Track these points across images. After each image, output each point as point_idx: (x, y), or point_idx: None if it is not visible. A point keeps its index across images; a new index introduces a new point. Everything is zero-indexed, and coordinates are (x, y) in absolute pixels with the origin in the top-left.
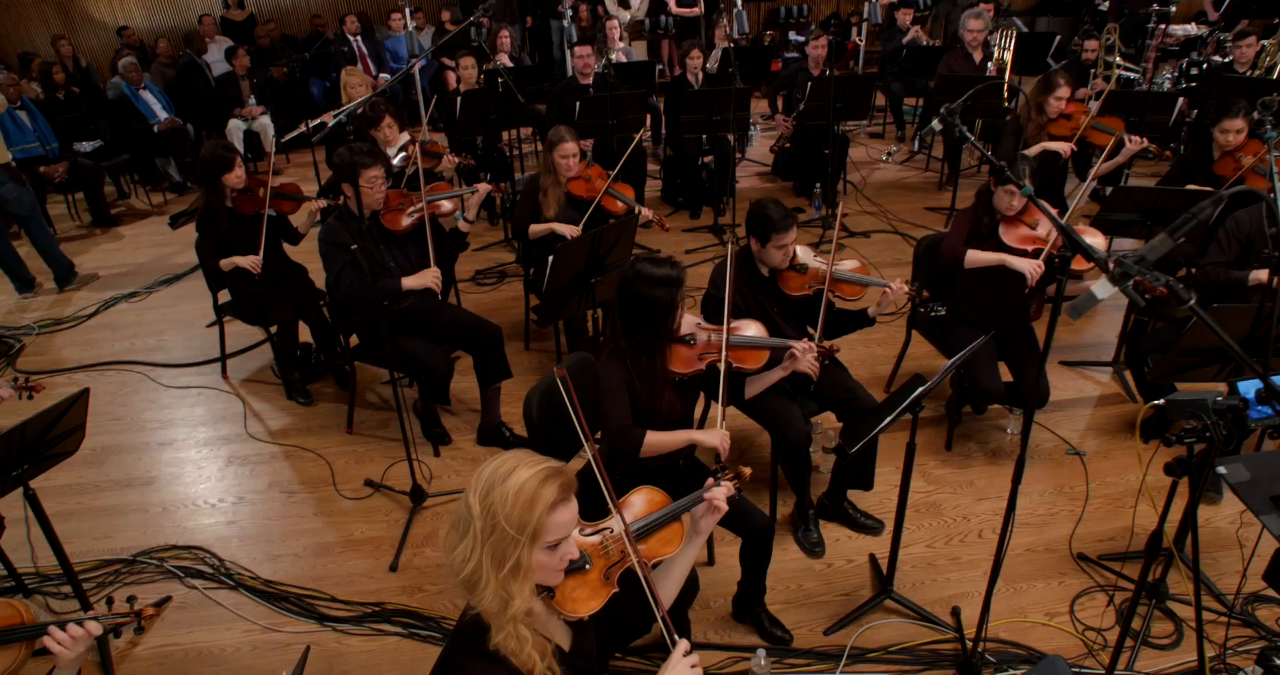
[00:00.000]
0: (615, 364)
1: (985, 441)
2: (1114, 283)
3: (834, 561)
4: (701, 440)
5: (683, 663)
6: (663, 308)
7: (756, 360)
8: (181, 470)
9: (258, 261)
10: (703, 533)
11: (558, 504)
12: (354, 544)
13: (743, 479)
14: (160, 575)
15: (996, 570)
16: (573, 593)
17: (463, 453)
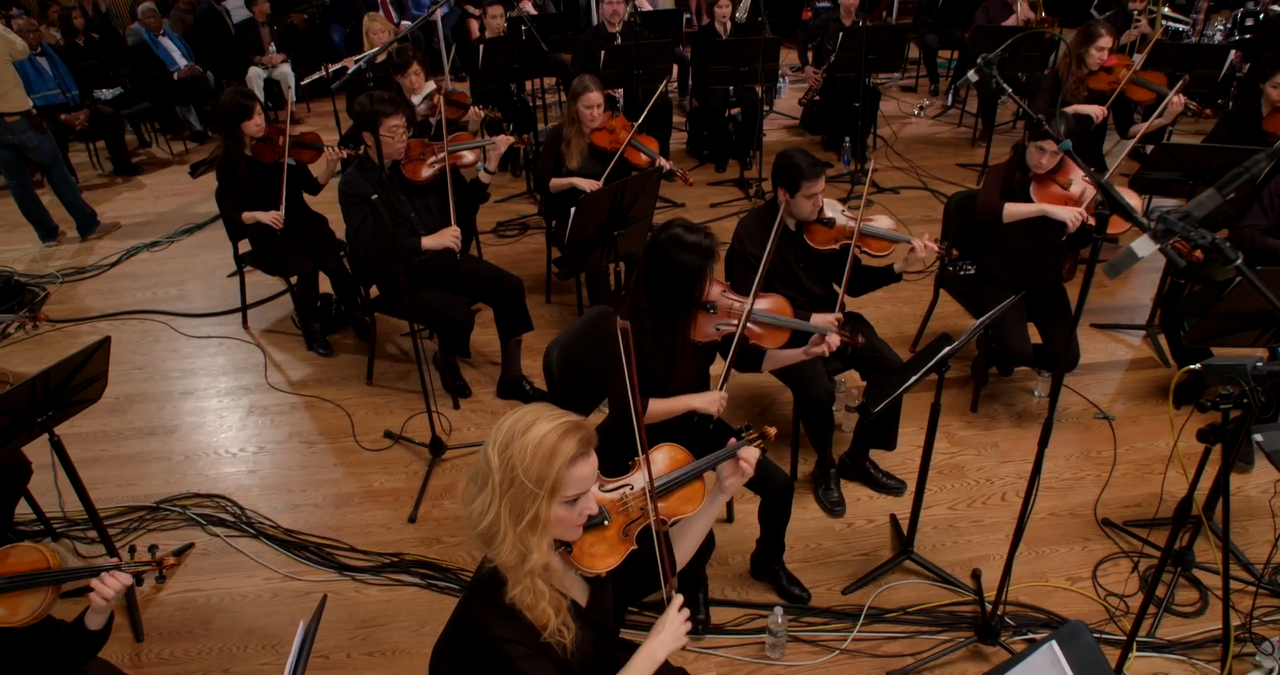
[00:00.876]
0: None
1: (1011, 403)
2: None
3: (854, 521)
4: (698, 406)
5: (677, 618)
6: (691, 275)
7: (775, 339)
8: (203, 419)
9: (279, 217)
10: (727, 492)
11: (577, 458)
12: (373, 495)
13: (768, 439)
14: (183, 522)
15: (1019, 534)
16: (590, 548)
17: (482, 405)
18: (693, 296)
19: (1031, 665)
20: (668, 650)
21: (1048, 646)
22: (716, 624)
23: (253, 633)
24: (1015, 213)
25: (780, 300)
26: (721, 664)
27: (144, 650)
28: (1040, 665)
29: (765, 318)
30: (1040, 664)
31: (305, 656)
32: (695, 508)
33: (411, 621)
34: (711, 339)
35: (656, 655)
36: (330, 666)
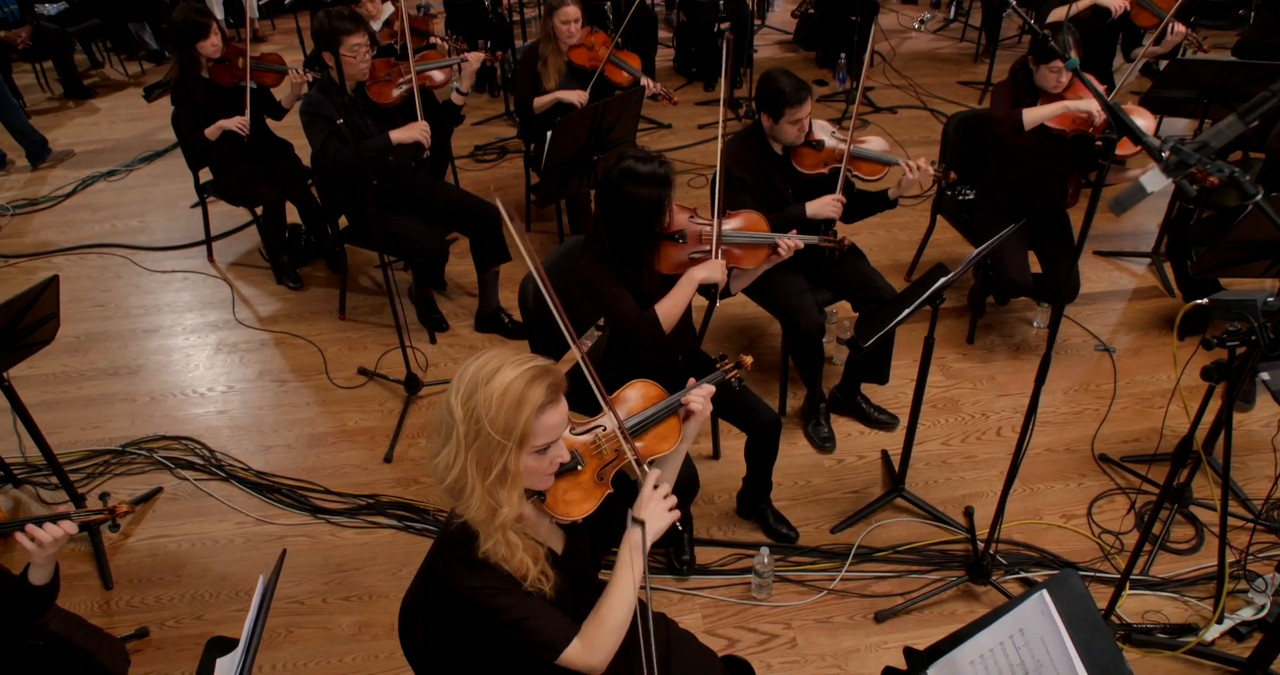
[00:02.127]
0: (598, 264)
1: (1009, 334)
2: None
3: (844, 457)
4: (701, 277)
5: (654, 497)
6: (648, 209)
7: (754, 259)
8: (169, 358)
9: (245, 122)
10: (688, 437)
11: (546, 406)
12: (347, 434)
13: (744, 368)
14: (150, 466)
15: (1014, 470)
16: (564, 495)
17: (460, 340)
18: (654, 231)
19: (1021, 614)
20: (652, 534)
21: (1038, 596)
22: (701, 564)
23: (225, 578)
24: (1036, 117)
25: (752, 216)
26: (706, 605)
27: (113, 598)
28: (1030, 615)
29: (739, 237)
30: (1030, 613)
31: (265, 612)
32: (671, 445)
33: (389, 565)
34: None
35: (633, 540)
36: (305, 612)
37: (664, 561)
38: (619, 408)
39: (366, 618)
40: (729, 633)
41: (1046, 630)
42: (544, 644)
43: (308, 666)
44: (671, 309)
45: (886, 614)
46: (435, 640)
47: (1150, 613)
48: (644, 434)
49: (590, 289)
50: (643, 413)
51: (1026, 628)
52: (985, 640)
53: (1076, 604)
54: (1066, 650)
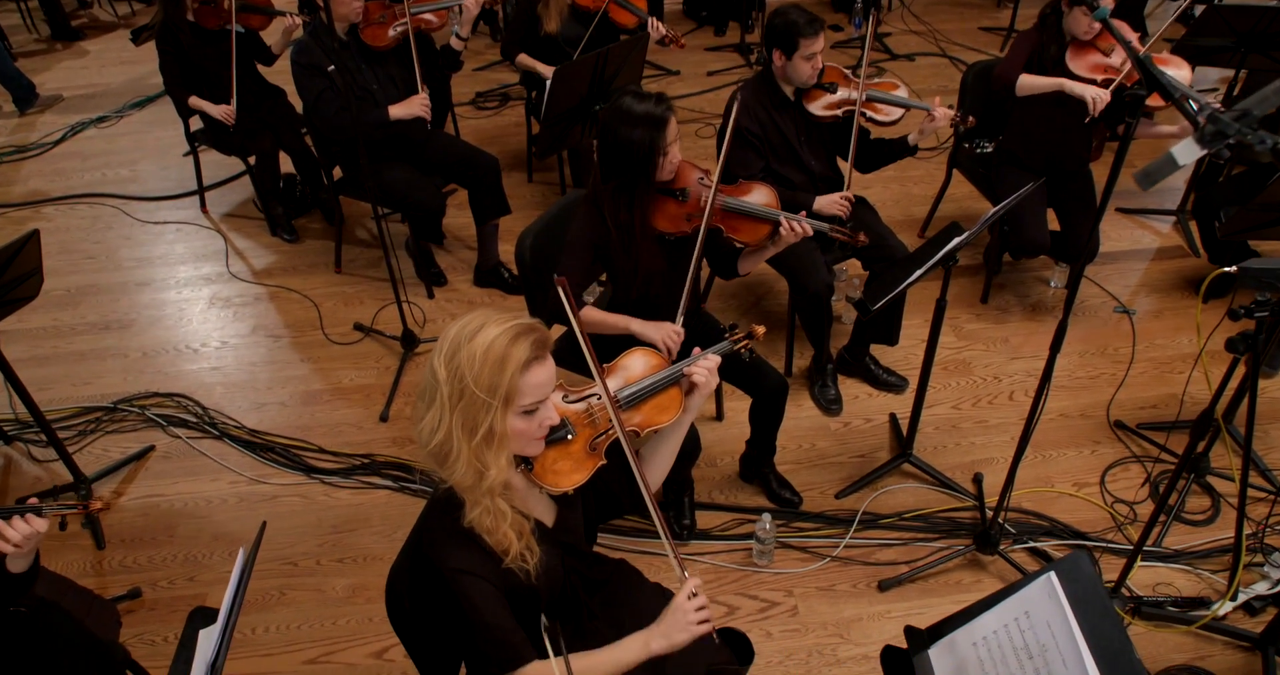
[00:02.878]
0: (590, 214)
1: (1025, 294)
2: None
3: (851, 420)
4: (642, 334)
5: (687, 607)
6: (642, 152)
7: (753, 233)
8: (161, 313)
9: (230, 112)
10: (690, 411)
11: (531, 363)
12: (342, 392)
13: (755, 338)
14: (142, 424)
15: (1026, 436)
16: (554, 465)
17: (459, 294)
18: (649, 176)
19: (1027, 596)
20: (668, 645)
21: (1045, 577)
22: (702, 529)
23: (218, 539)
24: (1030, 86)
25: (764, 190)
26: (705, 571)
27: (106, 558)
28: (1036, 597)
29: (743, 207)
30: (1036, 595)
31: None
32: (671, 417)
33: (384, 526)
34: (682, 232)
35: (651, 647)
36: (299, 574)
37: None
38: (617, 375)
39: (360, 580)
40: (729, 599)
41: (1053, 614)
42: (503, 661)
43: (300, 629)
44: (595, 321)
45: (890, 583)
46: (422, 610)
47: (1162, 585)
48: (642, 404)
49: (568, 236)
50: (642, 382)
51: (1032, 610)
52: (989, 621)
53: (1085, 587)
54: (1073, 635)
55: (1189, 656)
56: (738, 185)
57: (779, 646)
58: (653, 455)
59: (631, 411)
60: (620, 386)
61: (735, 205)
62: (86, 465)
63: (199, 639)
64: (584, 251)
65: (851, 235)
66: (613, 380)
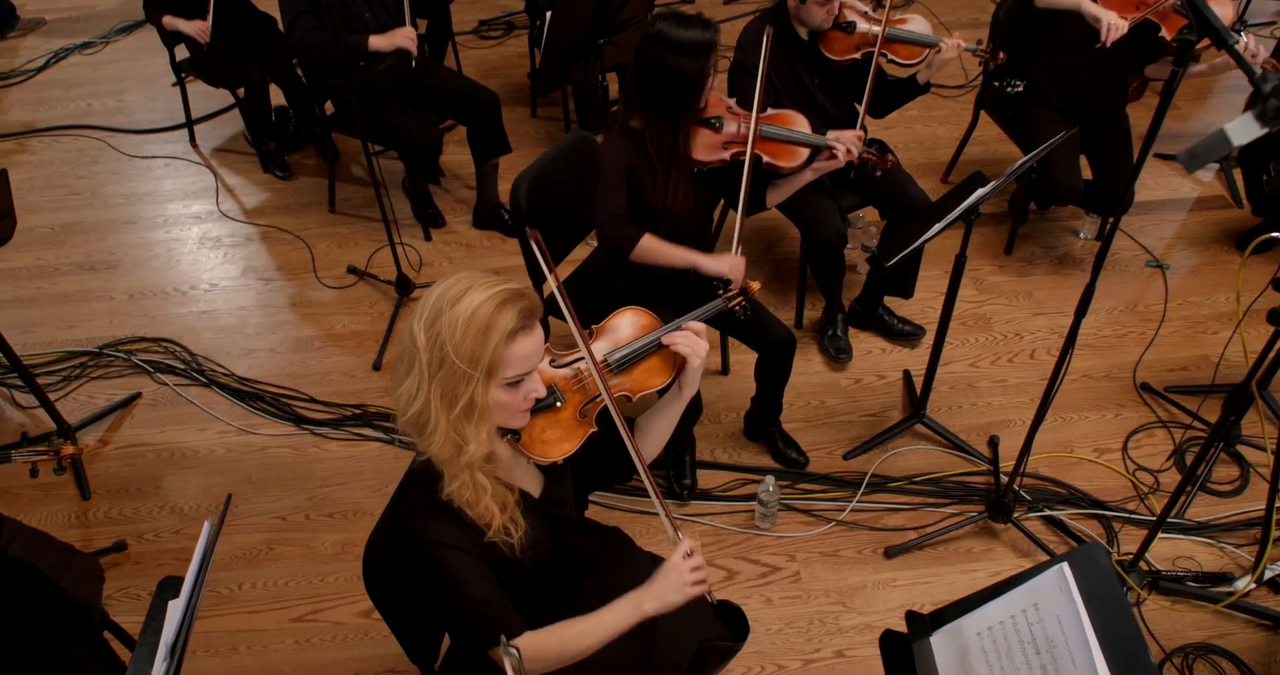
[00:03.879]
0: (622, 143)
1: (1051, 245)
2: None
3: (862, 377)
4: (706, 267)
5: (682, 567)
6: (689, 80)
7: (791, 157)
8: (149, 253)
9: (205, 28)
10: (688, 384)
11: (517, 333)
12: (335, 338)
13: (750, 294)
14: (128, 369)
15: (1047, 399)
16: (542, 434)
17: (457, 237)
18: (694, 106)
19: (1037, 587)
20: (662, 606)
21: (1058, 568)
22: (703, 489)
23: (205, 491)
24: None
25: (794, 114)
26: (706, 533)
27: (91, 509)
28: (1047, 588)
29: (779, 134)
30: (1047, 587)
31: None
32: (665, 380)
33: (375, 480)
34: (720, 161)
35: (644, 608)
36: (287, 528)
37: (663, 485)
38: (604, 338)
39: (350, 536)
40: (729, 563)
41: (1064, 608)
42: (490, 635)
43: (289, 585)
44: (655, 250)
45: (897, 549)
46: (402, 583)
47: (1182, 558)
48: (632, 368)
49: (599, 165)
50: (632, 344)
51: (1042, 603)
52: (995, 611)
53: (1100, 582)
54: (1084, 632)
55: (1206, 634)
56: (770, 113)
57: (779, 614)
58: (649, 426)
59: (622, 376)
60: (609, 350)
61: (774, 132)
62: (71, 412)
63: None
64: (619, 180)
65: (880, 155)
66: (601, 343)
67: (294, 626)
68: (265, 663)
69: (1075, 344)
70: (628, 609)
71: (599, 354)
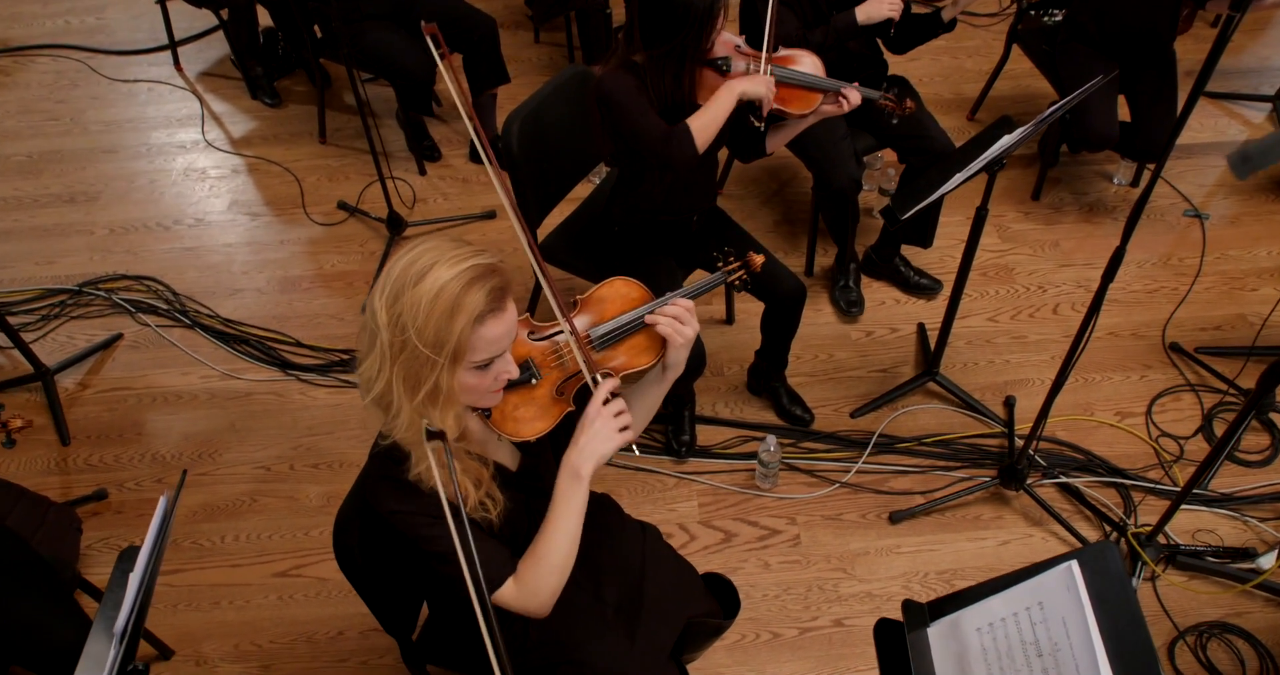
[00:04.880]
0: (624, 77)
1: (1082, 191)
2: None
3: (874, 329)
4: (744, 89)
5: (605, 412)
6: (696, 19)
7: (804, 103)
8: (131, 185)
9: None
10: (673, 367)
11: (486, 315)
12: (324, 278)
13: (752, 268)
14: (109, 309)
15: (1070, 359)
16: (514, 412)
17: (452, 171)
18: (700, 47)
19: (1043, 585)
20: (596, 459)
21: (1066, 567)
22: (702, 445)
23: (188, 438)
24: None
25: (811, 57)
26: (704, 492)
27: (70, 455)
28: (1054, 587)
29: (791, 76)
30: (1054, 585)
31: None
32: (652, 359)
33: (362, 431)
34: None
35: (580, 470)
36: (271, 479)
37: (660, 441)
38: (589, 312)
39: (335, 488)
40: (726, 525)
41: (1070, 609)
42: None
43: (272, 539)
44: (708, 123)
45: (902, 515)
46: (372, 555)
47: (1202, 532)
48: (618, 344)
49: (612, 100)
50: (618, 319)
51: (1047, 602)
52: (998, 606)
53: (1111, 584)
54: (1090, 637)
55: (1223, 612)
56: (783, 54)
57: (777, 579)
58: (632, 403)
59: (607, 352)
60: (594, 323)
61: (786, 75)
62: (51, 354)
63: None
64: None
65: (898, 101)
66: (585, 317)
67: (277, 581)
68: (247, 618)
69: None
70: (567, 483)
71: (581, 328)
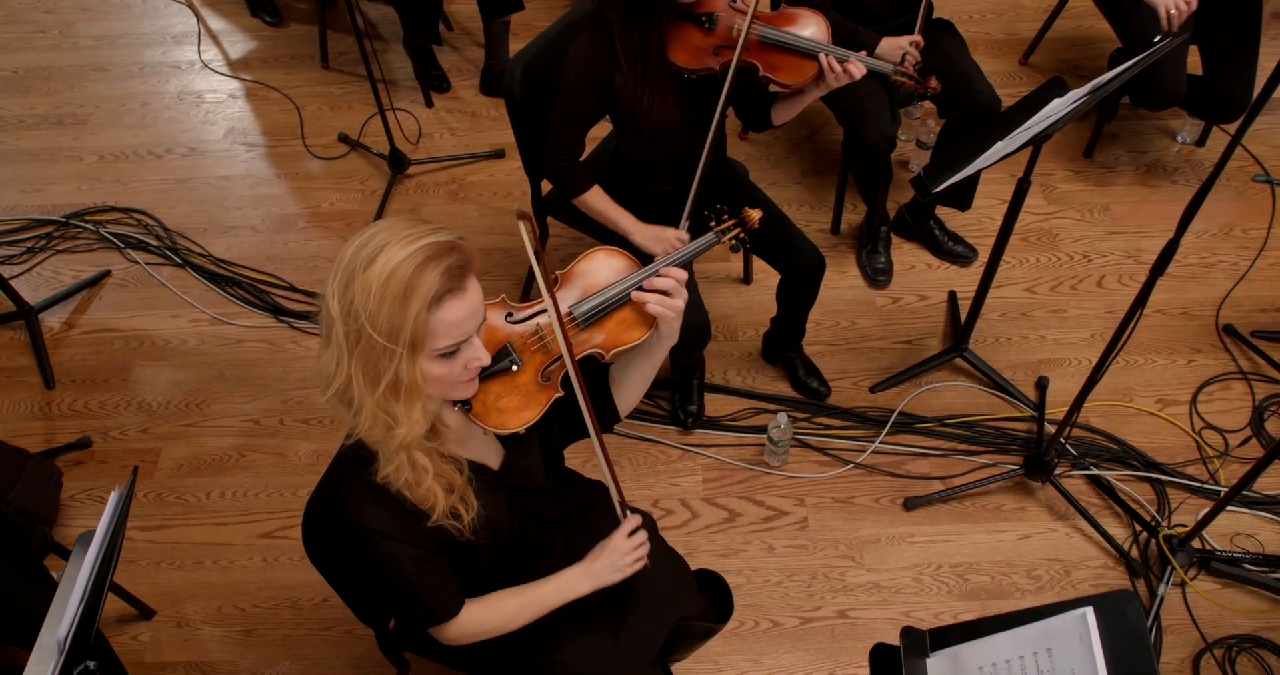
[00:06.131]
0: (594, 48)
1: (1141, 150)
2: None
3: (902, 296)
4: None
5: (624, 546)
6: None
7: (797, 74)
8: (122, 108)
9: None
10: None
11: (444, 297)
12: (321, 218)
13: (748, 225)
14: (97, 243)
15: (1118, 337)
16: (497, 402)
17: (462, 104)
18: None
19: (1054, 629)
20: (596, 583)
21: (1081, 613)
22: (710, 416)
23: (176, 386)
24: None
25: (814, 18)
26: (709, 467)
27: (55, 399)
28: (1065, 632)
29: (784, 39)
30: (1066, 631)
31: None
32: (644, 333)
33: None
34: (707, 69)
35: (579, 587)
36: (260, 433)
37: (666, 409)
38: (571, 286)
39: (324, 445)
40: (730, 503)
41: (1080, 661)
42: (422, 618)
43: (259, 497)
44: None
45: (918, 501)
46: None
47: (1241, 536)
48: (604, 320)
49: (563, 77)
50: (604, 293)
51: (1057, 648)
52: (1004, 645)
53: (1128, 641)
54: None
55: (1256, 625)
56: (782, 12)
57: (780, 564)
58: (624, 378)
59: (592, 330)
60: (576, 300)
61: (775, 37)
62: (36, 289)
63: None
64: (585, 101)
65: (920, 82)
66: (567, 292)
67: (262, 542)
68: (231, 580)
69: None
70: (565, 588)
71: (565, 305)
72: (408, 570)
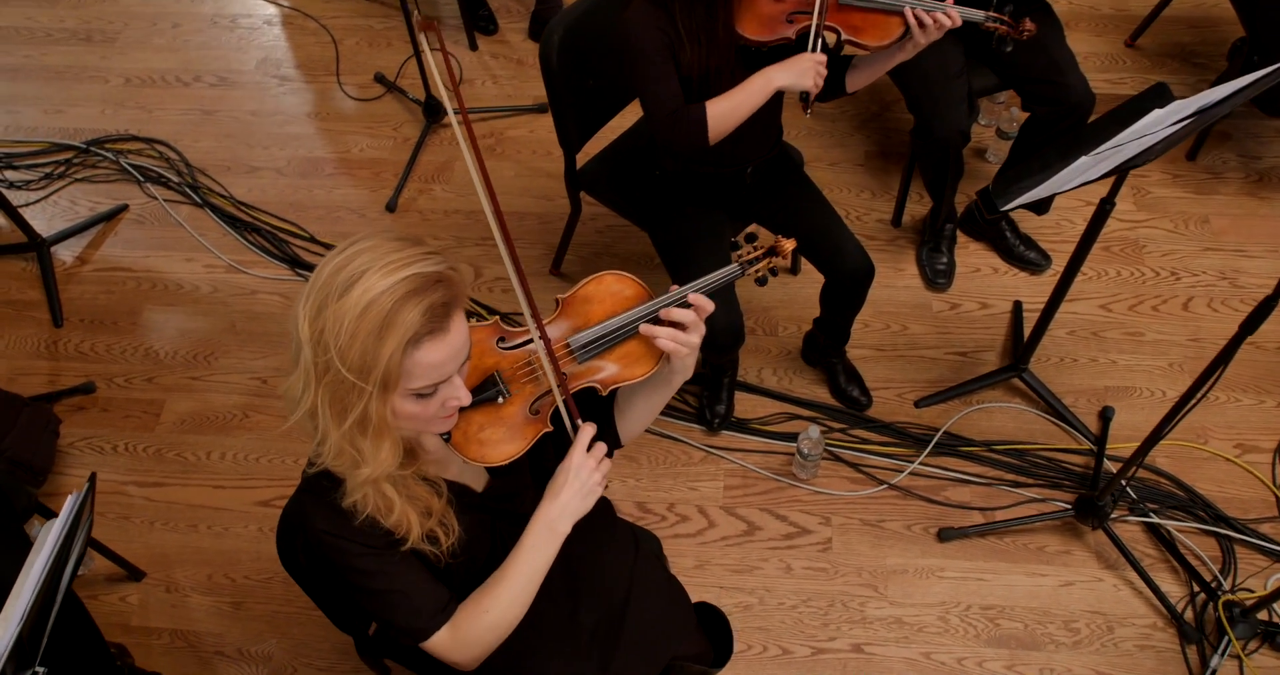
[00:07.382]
0: (651, 13)
1: (1254, 154)
2: None
3: (961, 302)
4: (782, 83)
5: (584, 463)
6: None
7: (881, 33)
8: (152, 28)
9: None
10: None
11: (422, 338)
12: (349, 164)
13: (780, 256)
14: (115, 174)
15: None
16: (479, 433)
17: (507, 49)
18: None
19: None
20: (576, 516)
21: None
22: (739, 418)
23: (185, 334)
24: None
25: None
26: (732, 473)
27: (62, 338)
28: None
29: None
30: None
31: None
32: (648, 370)
33: None
34: (781, 39)
35: (557, 526)
36: (266, 393)
37: (693, 407)
38: (572, 314)
39: None
40: (750, 515)
41: None
42: (406, 629)
43: (259, 462)
44: (728, 112)
45: (954, 533)
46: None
47: None
48: (606, 354)
49: (629, 48)
50: (606, 323)
51: None
52: None
53: None
54: None
55: None
56: None
57: (797, 586)
58: (629, 408)
59: (591, 363)
60: (576, 331)
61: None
62: (52, 219)
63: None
64: (662, 60)
65: (1014, 25)
66: (568, 320)
67: (258, 510)
68: (224, 547)
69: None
70: (541, 538)
71: (561, 334)
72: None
